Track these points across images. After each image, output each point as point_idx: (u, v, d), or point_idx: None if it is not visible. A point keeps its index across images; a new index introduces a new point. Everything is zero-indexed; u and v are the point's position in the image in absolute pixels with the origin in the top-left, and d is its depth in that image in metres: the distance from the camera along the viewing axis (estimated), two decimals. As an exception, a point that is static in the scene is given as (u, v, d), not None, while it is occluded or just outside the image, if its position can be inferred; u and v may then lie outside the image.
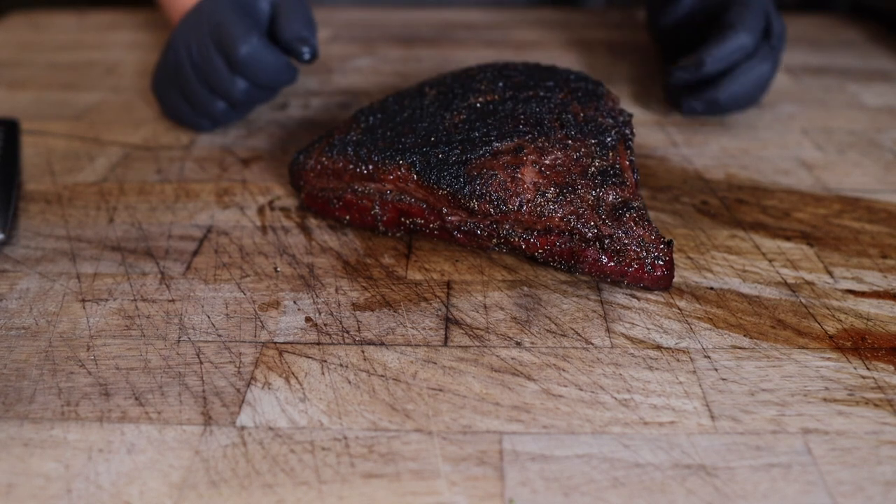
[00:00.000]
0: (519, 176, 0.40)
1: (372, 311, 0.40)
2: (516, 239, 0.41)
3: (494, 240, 0.42)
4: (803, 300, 0.40)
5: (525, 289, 0.41)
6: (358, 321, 0.39)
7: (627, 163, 0.42)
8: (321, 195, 0.46)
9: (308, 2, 0.58)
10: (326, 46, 0.82)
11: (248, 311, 0.39)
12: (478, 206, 0.40)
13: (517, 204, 0.40)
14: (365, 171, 0.43)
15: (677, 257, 0.44)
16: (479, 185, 0.40)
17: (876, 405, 0.34)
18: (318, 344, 0.37)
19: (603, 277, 0.40)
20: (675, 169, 0.55)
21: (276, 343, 0.37)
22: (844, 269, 0.43)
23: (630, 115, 0.44)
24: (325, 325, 0.38)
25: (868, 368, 0.36)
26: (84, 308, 0.40)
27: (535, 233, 0.41)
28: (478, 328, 0.38)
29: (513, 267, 0.43)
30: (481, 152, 0.41)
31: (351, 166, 0.44)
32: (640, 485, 0.30)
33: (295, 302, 0.40)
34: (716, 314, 0.39)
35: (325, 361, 0.36)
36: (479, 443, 0.32)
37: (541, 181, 0.40)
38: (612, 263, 0.39)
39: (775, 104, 0.66)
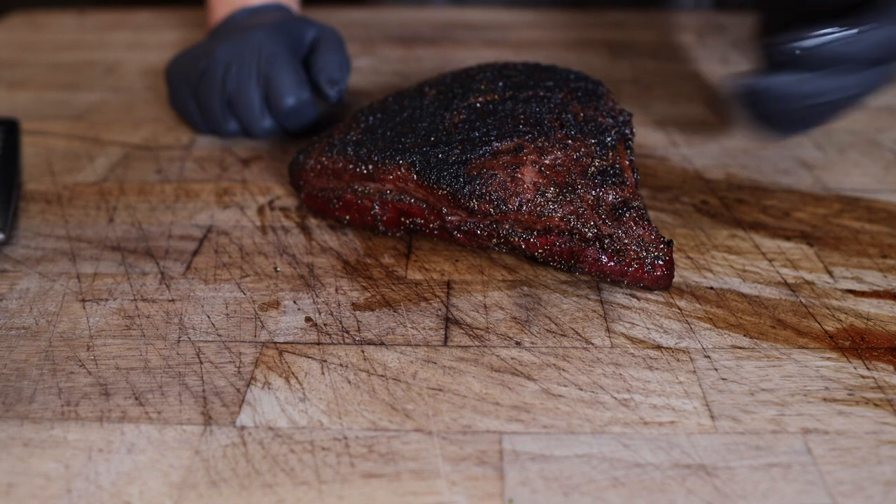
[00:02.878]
0: (519, 176, 0.40)
1: (372, 310, 0.40)
2: (516, 239, 0.41)
3: (494, 240, 0.42)
4: (803, 300, 0.40)
5: (525, 289, 0.41)
6: (358, 321, 0.39)
7: (627, 162, 0.42)
8: (321, 195, 0.46)
9: (343, 42, 0.59)
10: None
11: (248, 311, 0.40)
12: (478, 205, 0.40)
13: (517, 204, 0.40)
14: (365, 171, 0.43)
15: (677, 257, 0.44)
16: (478, 184, 0.40)
17: (876, 405, 0.34)
18: (318, 344, 0.37)
19: (603, 277, 0.40)
20: (675, 169, 0.55)
21: (276, 343, 0.37)
22: (844, 268, 0.43)
23: (630, 115, 0.44)
24: (325, 325, 0.38)
25: (868, 368, 0.36)
26: (84, 308, 0.40)
27: (535, 232, 0.41)
28: (478, 328, 0.38)
29: (513, 267, 0.43)
30: (481, 152, 0.41)
31: (351, 166, 0.44)
32: (640, 485, 0.30)
33: (295, 302, 0.40)
34: (716, 314, 0.39)
35: (325, 361, 0.36)
36: (479, 443, 0.32)
37: (541, 181, 0.40)
38: (612, 263, 0.39)
39: (775, 104, 0.66)
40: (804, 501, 0.29)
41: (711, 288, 0.41)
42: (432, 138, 0.43)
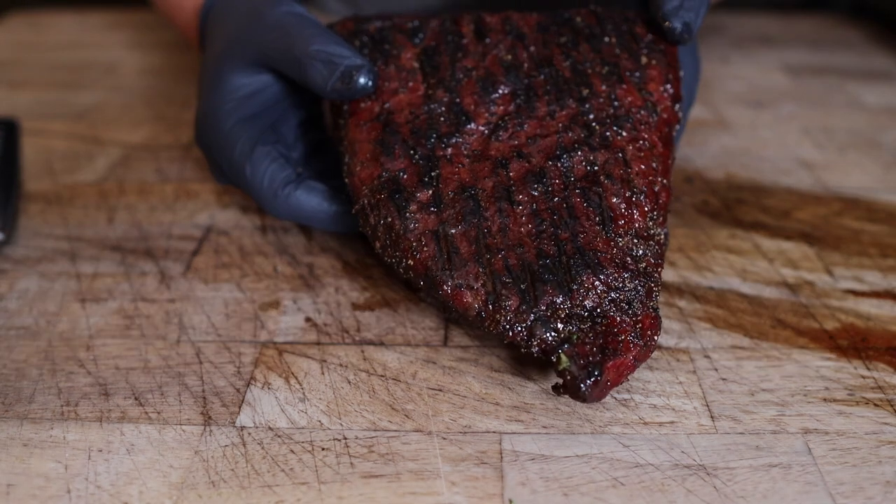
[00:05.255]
0: None
1: (372, 310, 0.39)
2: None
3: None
4: (803, 300, 0.40)
5: (525, 289, 0.41)
6: (358, 321, 0.39)
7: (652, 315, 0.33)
8: None
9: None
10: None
11: (248, 311, 0.39)
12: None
13: None
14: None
15: (678, 256, 0.44)
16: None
17: (876, 405, 0.33)
18: (318, 344, 0.37)
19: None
20: (675, 169, 0.55)
21: (275, 343, 0.37)
22: (844, 268, 0.43)
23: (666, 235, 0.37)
24: (325, 325, 0.38)
25: (868, 368, 0.36)
26: (84, 308, 0.40)
27: None
28: (478, 328, 0.38)
29: (513, 267, 0.43)
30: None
31: None
32: (640, 485, 0.30)
33: (295, 302, 0.40)
34: (716, 314, 0.39)
35: (325, 361, 0.36)
36: (479, 443, 0.32)
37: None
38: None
39: (775, 104, 0.66)
40: (804, 502, 0.29)
41: (711, 288, 0.41)
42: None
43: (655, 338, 0.33)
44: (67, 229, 0.47)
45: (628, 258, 0.34)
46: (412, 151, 0.37)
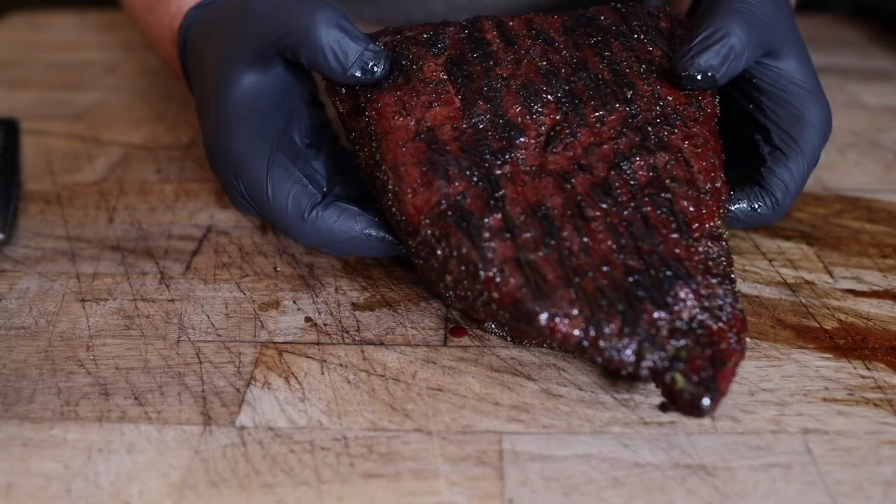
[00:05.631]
0: None
1: (372, 310, 0.40)
2: None
3: None
4: (803, 300, 0.40)
5: (525, 289, 0.41)
6: (358, 321, 0.39)
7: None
8: None
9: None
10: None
11: (248, 310, 0.39)
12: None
13: None
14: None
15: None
16: None
17: (876, 405, 0.34)
18: (318, 344, 0.37)
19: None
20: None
21: (275, 343, 0.37)
22: (844, 268, 0.43)
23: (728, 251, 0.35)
24: (325, 324, 0.38)
25: (868, 368, 0.36)
26: (84, 308, 0.40)
27: None
28: (477, 328, 0.38)
29: (513, 267, 0.43)
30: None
31: None
32: (640, 485, 0.30)
33: (294, 302, 0.40)
34: (716, 314, 0.39)
35: (325, 361, 0.36)
36: (479, 443, 0.32)
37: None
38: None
39: (775, 104, 0.66)
40: (804, 501, 0.29)
41: (711, 288, 0.41)
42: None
43: (746, 339, 0.32)
44: (67, 229, 0.47)
45: (710, 262, 0.33)
46: (468, 172, 0.35)
